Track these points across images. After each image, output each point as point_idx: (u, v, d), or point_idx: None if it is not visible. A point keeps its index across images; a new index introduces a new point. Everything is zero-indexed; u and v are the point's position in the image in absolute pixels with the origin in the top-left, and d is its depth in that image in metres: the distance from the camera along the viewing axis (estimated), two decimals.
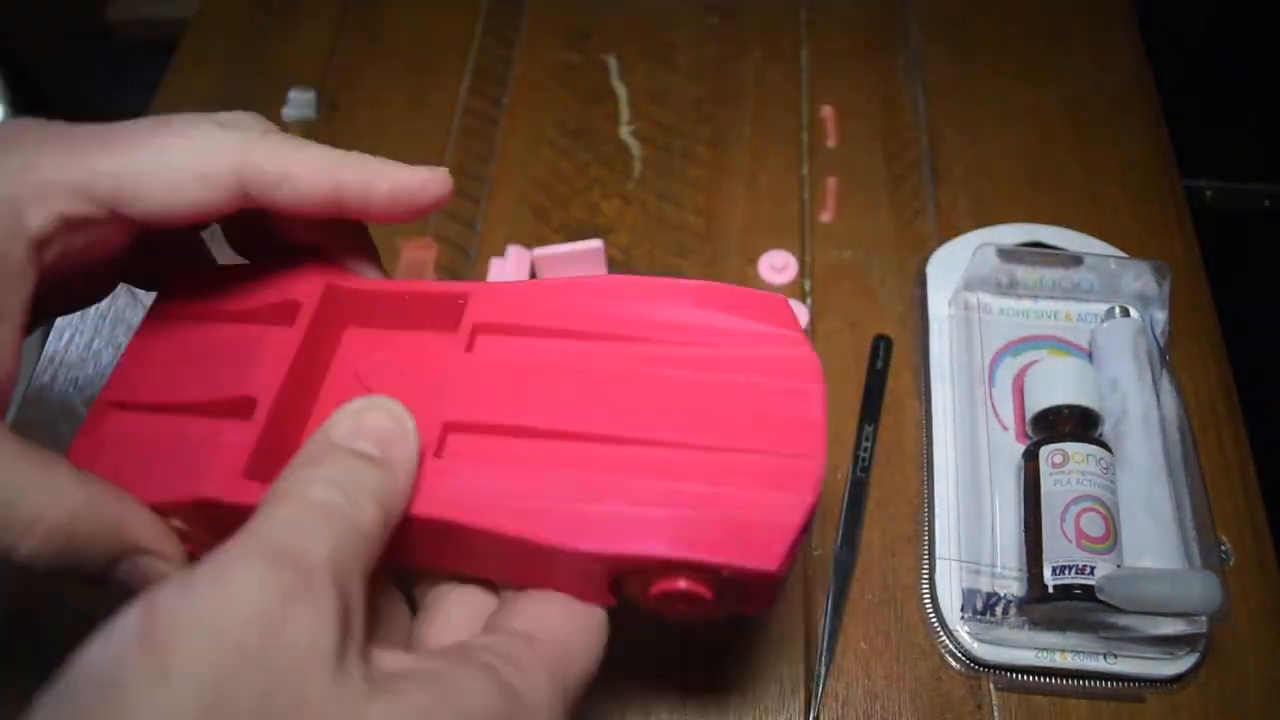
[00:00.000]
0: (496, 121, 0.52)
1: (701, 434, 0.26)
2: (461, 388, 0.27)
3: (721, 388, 0.27)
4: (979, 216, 0.48)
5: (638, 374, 0.27)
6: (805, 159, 0.50)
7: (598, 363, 0.27)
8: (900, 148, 0.51)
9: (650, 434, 0.26)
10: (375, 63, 0.55)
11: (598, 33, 0.56)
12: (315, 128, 0.52)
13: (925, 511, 0.39)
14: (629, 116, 0.52)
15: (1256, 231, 0.93)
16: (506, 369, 0.27)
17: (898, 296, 0.45)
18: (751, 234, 0.48)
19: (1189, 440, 0.37)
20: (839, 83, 0.53)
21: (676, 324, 0.28)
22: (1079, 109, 0.52)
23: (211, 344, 0.29)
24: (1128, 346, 0.39)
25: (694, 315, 0.28)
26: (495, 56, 0.55)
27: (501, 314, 0.28)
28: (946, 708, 0.35)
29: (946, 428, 0.40)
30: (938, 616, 0.37)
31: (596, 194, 0.49)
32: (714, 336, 0.28)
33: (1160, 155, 0.50)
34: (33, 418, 0.43)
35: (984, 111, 0.52)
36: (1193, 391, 0.42)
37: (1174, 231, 0.47)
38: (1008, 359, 0.41)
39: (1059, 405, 0.37)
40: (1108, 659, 0.35)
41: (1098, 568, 0.33)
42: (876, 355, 0.43)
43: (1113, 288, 0.42)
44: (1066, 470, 0.35)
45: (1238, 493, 0.40)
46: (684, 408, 0.26)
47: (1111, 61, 0.54)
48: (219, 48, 0.56)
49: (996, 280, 0.42)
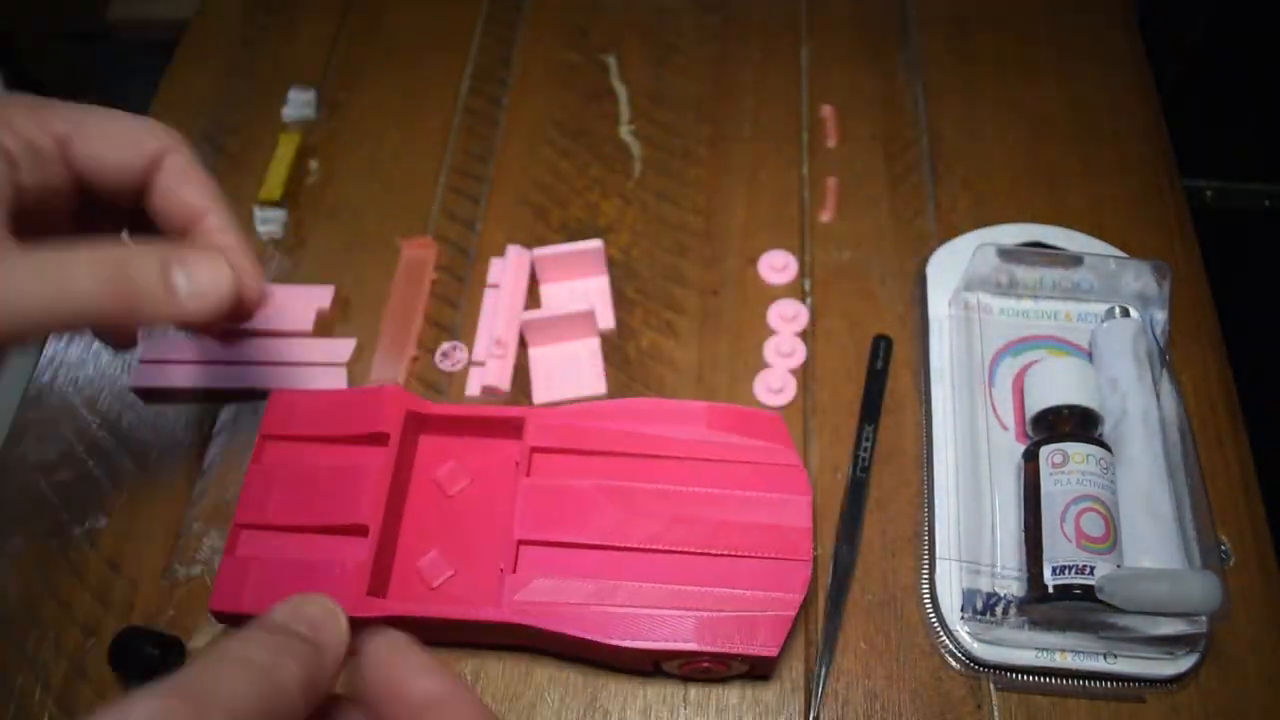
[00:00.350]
0: (496, 121, 0.52)
1: (715, 543, 0.34)
2: (526, 510, 0.35)
3: (729, 501, 0.35)
4: (979, 216, 0.48)
5: (663, 492, 0.35)
6: (805, 159, 0.50)
7: (631, 482, 0.35)
8: (900, 148, 0.51)
9: (675, 545, 0.34)
10: (375, 63, 0.55)
11: (598, 32, 0.56)
12: (315, 127, 0.52)
13: (925, 511, 0.39)
14: (629, 116, 0.52)
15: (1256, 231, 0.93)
16: (560, 491, 0.35)
17: (898, 296, 0.45)
18: (751, 234, 0.48)
19: (1189, 440, 0.37)
20: (839, 83, 0.53)
21: (692, 442, 0.36)
22: (1079, 109, 0.52)
23: (318, 468, 0.37)
24: (1128, 346, 0.39)
25: (705, 434, 0.36)
26: (495, 56, 0.55)
27: (552, 439, 0.36)
28: (946, 708, 0.35)
29: (946, 428, 0.40)
30: (938, 616, 0.37)
31: (596, 194, 0.49)
32: (722, 452, 0.36)
33: (1160, 155, 0.50)
34: (33, 418, 0.43)
35: (984, 111, 0.52)
36: (1193, 391, 0.42)
37: (1174, 231, 0.47)
38: (1008, 359, 0.41)
39: (1059, 405, 0.37)
40: (1108, 659, 0.35)
41: (1098, 568, 0.33)
42: (876, 355, 0.43)
43: (1113, 288, 0.42)
44: (1066, 470, 0.35)
45: (1238, 493, 0.40)
46: (701, 520, 0.35)
47: (1111, 61, 0.54)
48: (219, 48, 0.56)
49: (996, 280, 0.42)
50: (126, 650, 0.36)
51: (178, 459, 0.42)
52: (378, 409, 0.37)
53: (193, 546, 0.39)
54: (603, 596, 0.33)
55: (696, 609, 0.33)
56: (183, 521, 0.40)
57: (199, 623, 0.37)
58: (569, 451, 0.36)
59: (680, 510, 0.35)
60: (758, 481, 0.35)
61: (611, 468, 0.36)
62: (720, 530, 0.34)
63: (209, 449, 0.42)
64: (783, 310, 0.45)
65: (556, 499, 0.35)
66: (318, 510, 0.35)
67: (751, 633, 0.33)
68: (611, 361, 0.44)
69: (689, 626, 0.33)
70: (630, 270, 0.46)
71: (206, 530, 0.40)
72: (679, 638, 0.33)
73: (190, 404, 0.43)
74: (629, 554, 0.34)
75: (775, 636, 0.33)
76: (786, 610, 0.33)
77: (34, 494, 0.41)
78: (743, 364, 0.44)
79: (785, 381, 0.42)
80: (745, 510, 0.35)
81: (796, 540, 0.34)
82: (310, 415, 0.38)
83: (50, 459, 0.42)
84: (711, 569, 0.34)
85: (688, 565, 0.34)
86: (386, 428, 0.36)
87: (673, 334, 0.45)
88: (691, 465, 0.36)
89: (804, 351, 0.44)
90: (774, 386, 0.42)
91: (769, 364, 0.43)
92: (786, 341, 0.44)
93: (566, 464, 0.36)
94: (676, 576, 0.34)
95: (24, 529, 0.40)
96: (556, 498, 0.35)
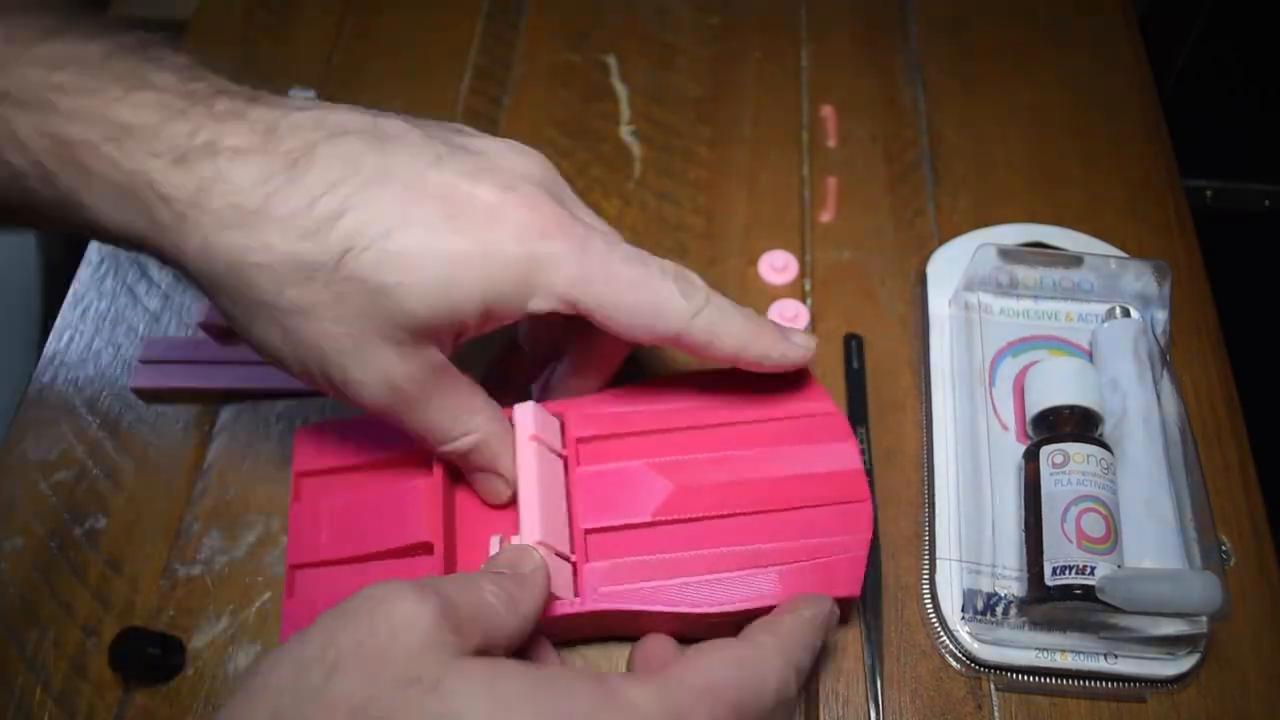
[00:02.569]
0: (496, 121, 0.52)
1: (776, 499, 0.35)
2: (585, 499, 0.35)
3: (778, 458, 0.35)
4: (979, 216, 0.48)
5: (713, 460, 0.35)
6: (805, 159, 0.50)
7: (680, 455, 0.35)
8: (900, 148, 0.51)
9: (738, 507, 0.34)
10: (375, 63, 0.55)
11: (598, 33, 0.56)
12: None
13: (925, 511, 0.39)
14: (629, 116, 0.52)
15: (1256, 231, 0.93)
16: (614, 475, 0.35)
17: (898, 296, 0.45)
18: (752, 234, 0.48)
19: (1189, 440, 0.37)
20: (839, 83, 0.53)
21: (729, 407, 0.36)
22: (1079, 109, 0.52)
23: (365, 496, 0.36)
24: (1128, 346, 0.39)
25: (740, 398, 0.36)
26: (495, 56, 0.55)
27: (595, 427, 0.36)
28: (946, 708, 0.35)
29: (947, 428, 0.40)
30: (938, 616, 0.37)
31: (596, 194, 0.49)
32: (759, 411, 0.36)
33: (1160, 155, 0.50)
34: (33, 418, 0.43)
35: (984, 111, 0.52)
36: (1193, 391, 0.42)
37: (1174, 231, 0.47)
38: (1008, 359, 0.41)
39: (1059, 405, 0.37)
40: (1108, 659, 0.35)
41: (1098, 568, 0.33)
42: (850, 355, 0.43)
43: (1113, 288, 0.42)
44: (1067, 470, 0.35)
45: (1238, 493, 0.40)
46: (754, 480, 0.35)
47: (1111, 61, 0.54)
48: (219, 48, 0.56)
49: (997, 280, 0.42)
50: (126, 650, 0.35)
51: (178, 459, 0.42)
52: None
53: (193, 546, 0.39)
54: (679, 569, 0.33)
55: (773, 564, 0.33)
56: (183, 521, 0.40)
57: (199, 623, 0.37)
58: (612, 436, 0.36)
59: (733, 474, 0.35)
60: (801, 434, 0.36)
61: (657, 445, 0.36)
62: (776, 486, 0.35)
63: (209, 449, 0.42)
64: (783, 310, 0.45)
65: (611, 483, 0.35)
66: (374, 537, 0.35)
67: (830, 577, 0.33)
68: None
69: (771, 581, 0.33)
70: None
71: (206, 530, 0.40)
72: (764, 595, 0.33)
73: (190, 404, 0.43)
74: (693, 524, 0.34)
75: (854, 577, 0.33)
76: (858, 550, 0.34)
77: (34, 494, 0.41)
78: None
79: None
80: (795, 463, 0.35)
81: (851, 482, 0.35)
82: (341, 445, 0.37)
83: (50, 459, 0.42)
84: (776, 525, 0.34)
85: (752, 526, 0.34)
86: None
87: None
88: (733, 430, 0.36)
89: None
90: None
91: None
92: None
93: (613, 448, 0.36)
94: (743, 538, 0.34)
95: (24, 529, 0.40)
96: (611, 482, 0.35)
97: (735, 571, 0.33)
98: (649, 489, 0.35)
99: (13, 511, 0.40)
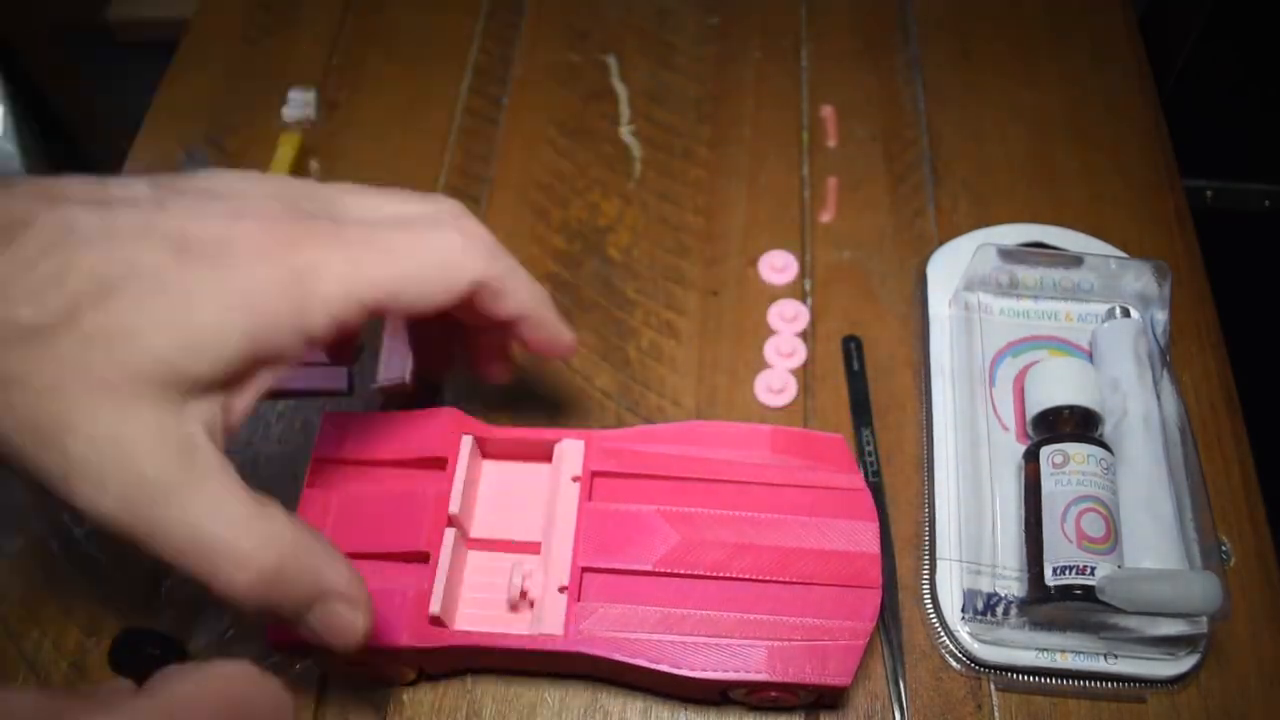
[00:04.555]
0: (496, 121, 0.52)
1: (782, 570, 0.33)
2: (589, 536, 0.34)
3: (795, 527, 0.34)
4: (979, 216, 0.48)
5: (728, 517, 0.34)
6: (805, 159, 0.50)
7: (694, 507, 0.34)
8: (900, 148, 0.51)
9: (742, 571, 0.33)
10: (375, 63, 0.55)
11: (598, 33, 0.56)
12: (315, 128, 0.52)
13: (925, 512, 0.39)
14: (629, 116, 0.52)
15: (1256, 231, 0.93)
16: (623, 516, 0.34)
17: (898, 296, 0.45)
18: (752, 234, 0.48)
19: (1189, 440, 0.37)
20: (839, 83, 0.53)
21: (755, 466, 0.35)
22: (1079, 109, 0.52)
23: (376, 493, 0.35)
24: (1128, 347, 0.39)
25: (768, 458, 0.36)
26: (495, 56, 0.55)
27: (614, 463, 0.35)
28: (946, 708, 0.35)
29: (947, 428, 0.40)
30: (938, 617, 0.37)
31: (596, 194, 0.49)
32: (785, 476, 0.35)
33: (1160, 155, 0.50)
34: None
35: (984, 111, 0.52)
36: (1193, 391, 0.42)
37: (1174, 231, 0.47)
38: (1008, 359, 0.41)
39: (1060, 405, 0.37)
40: (1108, 659, 0.35)
41: (1098, 568, 0.33)
42: (850, 357, 0.43)
43: (1113, 288, 0.42)
44: (1067, 470, 0.35)
45: (1238, 493, 0.40)
46: (767, 546, 0.34)
47: (1111, 61, 0.54)
48: (219, 48, 0.56)
49: (997, 280, 0.42)
50: (126, 650, 0.35)
51: None
52: (434, 431, 0.36)
53: None
54: (670, 625, 0.32)
55: (766, 638, 0.32)
56: None
57: (199, 623, 0.37)
58: (630, 476, 0.35)
59: (745, 536, 0.34)
60: (823, 507, 0.35)
61: (674, 492, 0.35)
62: (787, 557, 0.33)
63: None
64: (783, 310, 0.45)
65: (619, 524, 0.34)
66: (377, 537, 0.34)
67: (823, 662, 0.32)
68: (611, 361, 0.44)
69: (760, 656, 0.32)
70: (630, 270, 0.46)
71: None
72: (750, 668, 0.32)
73: None
74: (694, 581, 0.33)
75: (847, 666, 0.32)
76: (857, 639, 0.32)
77: (34, 494, 0.41)
78: (743, 364, 0.44)
79: (786, 382, 0.42)
80: (811, 536, 0.34)
81: (865, 566, 0.33)
82: (364, 438, 0.36)
83: None
84: (779, 597, 0.33)
85: (754, 593, 0.33)
86: (444, 451, 0.35)
87: (673, 334, 0.45)
88: (755, 490, 0.35)
89: (805, 352, 0.44)
90: (774, 387, 0.42)
91: (769, 364, 0.43)
92: (787, 342, 0.44)
93: (627, 488, 0.35)
94: (744, 605, 0.33)
95: (24, 529, 0.40)
96: (619, 523, 0.34)
97: (725, 639, 0.32)
98: (655, 537, 0.34)
99: (13, 511, 0.40)
